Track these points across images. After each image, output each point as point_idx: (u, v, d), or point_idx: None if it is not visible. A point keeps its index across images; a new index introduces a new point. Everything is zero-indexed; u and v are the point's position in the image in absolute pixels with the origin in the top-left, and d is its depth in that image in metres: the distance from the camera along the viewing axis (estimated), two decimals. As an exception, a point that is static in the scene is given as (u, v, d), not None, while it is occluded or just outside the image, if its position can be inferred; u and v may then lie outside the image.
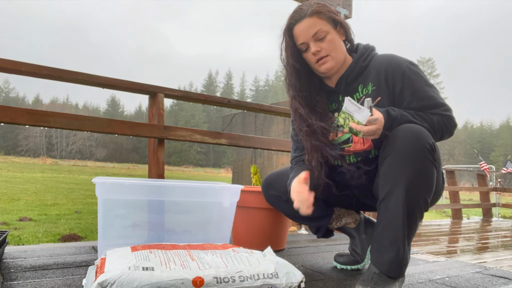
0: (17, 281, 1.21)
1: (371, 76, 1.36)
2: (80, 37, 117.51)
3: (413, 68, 1.34)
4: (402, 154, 1.19)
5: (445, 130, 1.32)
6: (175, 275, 0.97)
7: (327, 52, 1.34)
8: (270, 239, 1.86)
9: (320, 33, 1.33)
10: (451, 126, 1.33)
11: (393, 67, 1.34)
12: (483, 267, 1.74)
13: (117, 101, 67.84)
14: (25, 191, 10.03)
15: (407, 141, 1.19)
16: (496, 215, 7.86)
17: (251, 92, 72.65)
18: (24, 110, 1.82)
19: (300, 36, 1.35)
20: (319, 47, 1.34)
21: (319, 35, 1.33)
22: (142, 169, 28.24)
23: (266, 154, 5.56)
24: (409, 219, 1.20)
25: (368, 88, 1.36)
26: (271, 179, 1.60)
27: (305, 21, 1.33)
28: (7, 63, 1.85)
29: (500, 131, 63.09)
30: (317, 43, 1.34)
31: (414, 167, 1.18)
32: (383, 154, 1.25)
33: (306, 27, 1.33)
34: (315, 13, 1.33)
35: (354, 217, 1.58)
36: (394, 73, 1.33)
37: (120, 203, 1.44)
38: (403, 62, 1.35)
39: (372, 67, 1.37)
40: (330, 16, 1.35)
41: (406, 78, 1.32)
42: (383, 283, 1.20)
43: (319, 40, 1.34)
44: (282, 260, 1.14)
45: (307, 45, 1.35)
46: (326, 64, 1.35)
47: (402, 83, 1.32)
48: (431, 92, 1.32)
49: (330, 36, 1.34)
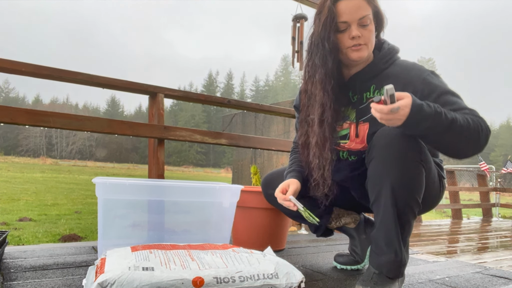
0: (17, 281, 1.21)
1: (389, 81, 1.29)
2: (87, 40, 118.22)
3: (434, 76, 1.28)
4: (386, 156, 1.18)
5: (481, 130, 1.14)
6: (175, 275, 0.97)
7: (365, 40, 1.27)
8: (270, 239, 1.86)
9: (366, 19, 1.26)
10: (486, 128, 1.16)
11: (412, 75, 1.28)
12: (483, 267, 1.74)
13: (117, 101, 67.96)
14: (25, 191, 10.03)
15: (391, 142, 1.18)
16: (496, 215, 7.86)
17: (251, 92, 72.70)
18: (24, 110, 1.83)
19: (345, 13, 1.25)
20: (360, 33, 1.26)
21: (365, 21, 1.26)
22: (142, 169, 28.25)
23: (266, 154, 5.56)
24: (401, 220, 1.20)
25: (381, 91, 1.32)
26: (270, 178, 1.60)
27: (356, 0, 1.26)
28: (7, 63, 1.85)
29: (500, 131, 63.12)
30: (360, 28, 1.26)
31: (398, 168, 1.16)
32: (369, 157, 1.25)
33: (356, 7, 1.25)
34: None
35: (354, 217, 1.58)
36: (414, 80, 1.27)
37: (120, 203, 1.44)
38: (424, 70, 1.29)
39: (391, 72, 1.32)
40: (376, 6, 1.30)
41: (426, 83, 1.25)
42: (382, 283, 1.20)
43: (362, 26, 1.26)
44: (282, 260, 1.14)
45: (347, 26, 1.26)
46: (360, 52, 1.28)
47: (422, 89, 1.25)
48: (455, 98, 1.23)
49: (372, 26, 1.28)
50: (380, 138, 1.21)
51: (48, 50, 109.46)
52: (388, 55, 1.35)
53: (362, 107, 1.35)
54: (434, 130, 1.09)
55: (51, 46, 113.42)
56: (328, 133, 1.34)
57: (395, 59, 1.36)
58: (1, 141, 53.88)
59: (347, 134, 1.38)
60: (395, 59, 1.36)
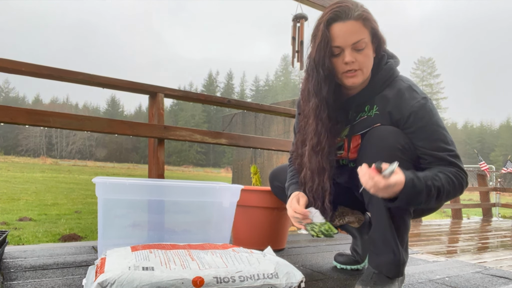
0: (17, 281, 1.21)
1: (379, 101, 1.27)
2: (87, 40, 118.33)
3: (425, 104, 1.21)
4: (374, 156, 1.18)
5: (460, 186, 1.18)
6: (175, 275, 0.97)
7: (360, 66, 1.21)
8: (270, 238, 1.86)
9: (361, 43, 1.19)
10: (465, 178, 1.18)
11: (402, 101, 1.23)
12: (483, 267, 1.74)
13: (117, 101, 67.91)
14: (25, 191, 10.03)
15: (378, 145, 1.19)
16: (496, 215, 7.87)
17: (251, 92, 72.68)
18: (24, 110, 1.83)
19: (339, 37, 1.19)
20: (354, 58, 1.19)
21: (359, 46, 1.19)
22: (142, 169, 28.26)
23: (266, 154, 5.56)
24: (395, 219, 1.20)
25: (372, 111, 1.29)
26: (276, 171, 1.65)
27: (350, 23, 1.18)
28: (7, 63, 1.85)
29: (500, 131, 63.13)
30: (354, 53, 1.19)
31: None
32: (359, 162, 1.25)
33: (349, 31, 1.18)
34: (363, 19, 1.19)
35: (358, 217, 1.58)
36: (403, 106, 1.22)
37: (120, 203, 1.44)
38: (416, 97, 1.22)
39: (386, 94, 1.27)
40: (374, 27, 1.22)
41: (413, 112, 1.20)
42: (382, 283, 1.20)
43: (357, 51, 1.20)
44: (282, 260, 1.14)
45: (341, 50, 1.20)
46: (355, 78, 1.22)
47: (408, 116, 1.21)
48: (438, 131, 1.20)
49: (368, 50, 1.21)
50: (369, 141, 1.23)
51: (49, 52, 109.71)
52: (386, 76, 1.28)
53: (355, 124, 1.33)
54: (425, 205, 1.15)
55: (51, 48, 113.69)
56: (325, 164, 1.30)
57: (392, 79, 1.29)
58: (1, 141, 53.88)
59: (342, 145, 1.38)
60: (393, 78, 1.29)
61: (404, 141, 1.20)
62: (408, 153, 1.20)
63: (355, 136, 1.33)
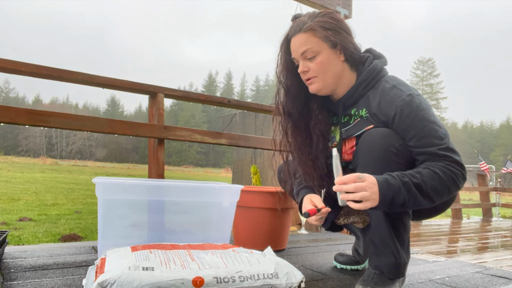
0: (17, 281, 1.21)
1: (364, 103, 1.28)
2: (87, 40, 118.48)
3: (411, 101, 1.18)
4: (368, 161, 1.18)
5: (452, 182, 1.12)
6: (175, 275, 0.97)
7: (314, 73, 1.26)
8: (271, 239, 1.86)
9: (308, 53, 1.24)
10: (460, 171, 1.13)
11: (387, 100, 1.21)
12: (483, 267, 1.74)
13: (117, 101, 67.90)
14: (25, 191, 10.03)
15: (373, 147, 1.18)
16: (496, 215, 7.86)
17: (251, 92, 72.67)
18: (24, 110, 1.82)
19: (293, 51, 1.29)
20: (306, 67, 1.26)
21: (307, 55, 1.25)
22: (142, 169, 28.23)
23: (266, 154, 5.56)
24: (393, 221, 1.20)
25: (362, 112, 1.29)
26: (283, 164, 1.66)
27: (299, 37, 1.26)
28: (7, 63, 1.85)
29: (500, 131, 63.08)
30: (305, 62, 1.26)
31: (382, 170, 1.13)
32: (354, 164, 1.27)
33: (297, 43, 1.26)
34: (310, 29, 1.24)
35: (363, 218, 1.57)
36: (387, 106, 1.20)
37: (120, 203, 1.44)
38: (400, 95, 1.19)
39: (370, 95, 1.27)
40: (327, 35, 1.23)
41: (399, 110, 1.18)
42: (383, 283, 1.20)
43: (308, 60, 1.26)
44: (282, 260, 1.14)
45: (298, 62, 1.29)
46: (313, 85, 1.28)
47: (394, 115, 1.19)
48: (427, 129, 1.16)
49: (321, 57, 1.24)
50: (363, 143, 1.23)
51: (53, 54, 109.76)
52: (368, 77, 1.27)
53: (347, 128, 1.33)
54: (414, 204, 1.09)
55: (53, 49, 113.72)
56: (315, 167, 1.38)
57: (377, 80, 1.27)
58: (1, 141, 53.88)
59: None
60: (378, 79, 1.28)
61: (398, 143, 1.17)
62: (404, 155, 1.17)
63: (349, 140, 1.33)
